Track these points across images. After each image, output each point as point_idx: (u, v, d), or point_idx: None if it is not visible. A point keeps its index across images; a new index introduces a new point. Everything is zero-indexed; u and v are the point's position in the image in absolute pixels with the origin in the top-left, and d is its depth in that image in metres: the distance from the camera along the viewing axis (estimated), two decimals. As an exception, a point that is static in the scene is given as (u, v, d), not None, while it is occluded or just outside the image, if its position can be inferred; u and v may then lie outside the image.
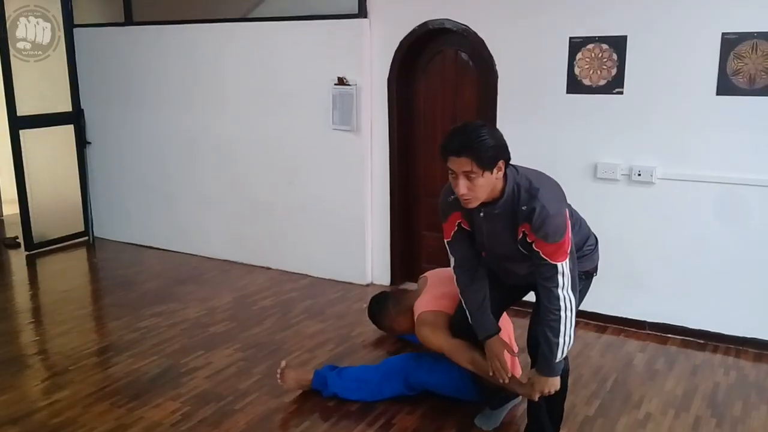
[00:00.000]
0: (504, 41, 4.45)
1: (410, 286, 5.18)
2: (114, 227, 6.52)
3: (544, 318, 2.61)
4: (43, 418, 3.27)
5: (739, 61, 3.82)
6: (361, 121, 4.99)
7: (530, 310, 2.87)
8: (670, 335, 4.22)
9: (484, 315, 2.85)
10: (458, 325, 3.07)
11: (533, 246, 2.57)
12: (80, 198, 6.49)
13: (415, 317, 3.29)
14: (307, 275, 5.44)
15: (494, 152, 2.45)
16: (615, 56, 4.10)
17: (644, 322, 4.31)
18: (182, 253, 6.09)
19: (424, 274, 3.75)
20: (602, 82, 4.17)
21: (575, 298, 2.62)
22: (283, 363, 3.48)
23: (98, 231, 6.58)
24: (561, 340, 2.59)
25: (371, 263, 5.26)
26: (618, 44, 4.09)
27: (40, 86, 6.13)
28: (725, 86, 3.87)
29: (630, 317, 4.33)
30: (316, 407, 3.36)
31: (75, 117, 6.35)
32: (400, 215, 5.13)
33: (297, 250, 5.50)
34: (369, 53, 4.92)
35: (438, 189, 5.06)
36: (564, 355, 2.64)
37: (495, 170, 2.47)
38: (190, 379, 3.66)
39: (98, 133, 6.38)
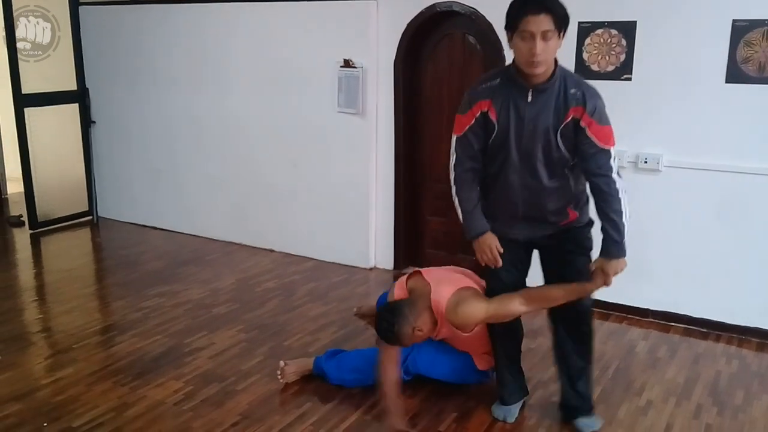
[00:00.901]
0: (512, 25, 4.41)
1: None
2: (118, 207, 6.53)
3: (609, 205, 2.70)
4: (47, 395, 3.29)
5: (749, 48, 3.78)
6: (366, 103, 4.97)
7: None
8: (672, 323, 4.22)
9: (478, 213, 2.89)
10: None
11: (587, 131, 2.64)
12: (84, 177, 6.49)
13: (444, 307, 3.02)
14: (310, 258, 5.44)
15: (566, 13, 2.60)
16: (624, 42, 4.07)
17: (647, 309, 4.30)
18: (186, 234, 6.09)
19: (413, 276, 3.26)
20: (610, 68, 4.14)
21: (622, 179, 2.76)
22: (282, 363, 3.46)
23: (102, 211, 6.58)
24: (625, 220, 2.71)
25: (375, 247, 5.26)
26: (627, 30, 4.05)
27: (46, 65, 6.10)
28: (734, 74, 3.84)
29: (633, 305, 4.32)
30: (318, 389, 3.37)
31: (80, 96, 6.33)
32: (405, 199, 5.12)
33: (301, 233, 5.50)
34: (376, 35, 4.89)
35: (443, 173, 5.04)
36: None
37: (562, 36, 2.60)
38: (192, 359, 3.67)
39: (103, 113, 6.37)
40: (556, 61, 2.65)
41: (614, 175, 2.68)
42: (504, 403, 3.15)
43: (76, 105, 6.33)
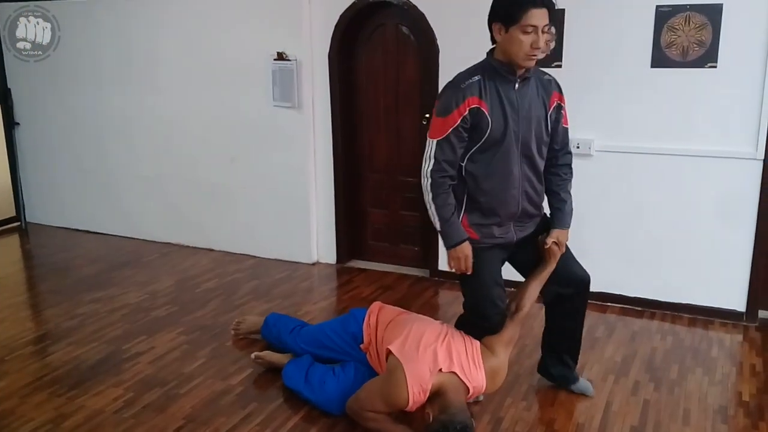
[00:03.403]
0: (444, 15, 4.43)
1: (356, 263, 5.18)
2: (47, 211, 6.29)
3: (568, 180, 3.03)
4: (-22, 411, 3.15)
5: (672, 33, 3.90)
6: (302, 97, 4.91)
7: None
8: (609, 303, 4.33)
9: (457, 221, 2.81)
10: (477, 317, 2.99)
11: (562, 113, 2.91)
12: (10, 182, 6.24)
13: (484, 388, 2.90)
14: (251, 256, 5.36)
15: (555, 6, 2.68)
16: (553, 29, 4.13)
17: (585, 291, 4.41)
18: (120, 236, 5.93)
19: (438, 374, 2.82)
20: (541, 56, 4.19)
21: None
22: (253, 355, 3.51)
23: (31, 216, 6.34)
24: None
25: (317, 242, 5.22)
26: (556, 17, 4.11)
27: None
28: (659, 59, 3.95)
29: (571, 287, 4.42)
30: (264, 389, 3.33)
31: (2, 97, 6.07)
32: (345, 192, 5.10)
33: (241, 231, 5.42)
34: (309, 27, 4.83)
35: (382, 164, 5.07)
36: None
37: None
38: (132, 365, 3.57)
39: (27, 114, 6.12)
40: None
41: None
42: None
43: (-2, 106, 6.09)
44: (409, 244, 5.08)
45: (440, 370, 2.78)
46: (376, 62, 4.88)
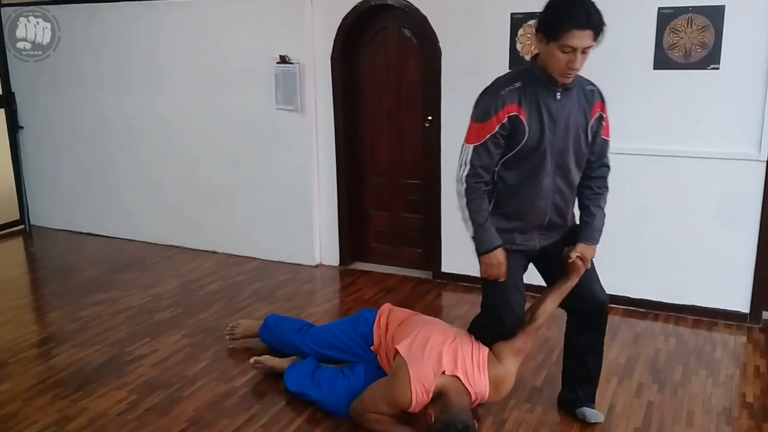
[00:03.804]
0: (446, 18, 4.44)
1: (359, 265, 5.18)
2: (51, 214, 6.31)
3: (601, 195, 2.88)
4: (-18, 413, 3.16)
5: (674, 35, 3.90)
6: (305, 100, 4.92)
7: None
8: (613, 305, 4.29)
9: (491, 227, 2.73)
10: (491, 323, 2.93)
11: (603, 124, 2.78)
12: (14, 185, 6.25)
13: (488, 394, 2.86)
14: (254, 258, 5.37)
15: (604, 26, 2.52)
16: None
17: (588, 293, 4.40)
18: (123, 239, 5.94)
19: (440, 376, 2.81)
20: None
21: None
22: (252, 359, 3.48)
23: (35, 219, 6.35)
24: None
25: (319, 244, 5.22)
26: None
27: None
28: (661, 60, 3.95)
29: (575, 289, 4.42)
30: (267, 391, 3.33)
31: (6, 101, 6.09)
32: (348, 195, 5.10)
33: (244, 233, 5.43)
34: (311, 30, 4.84)
35: (384, 167, 5.07)
36: None
37: None
38: (135, 368, 3.58)
39: (31, 117, 6.14)
40: None
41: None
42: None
43: (2, 110, 6.09)
44: (412, 246, 5.08)
45: (443, 372, 2.79)
46: (378, 65, 4.88)
